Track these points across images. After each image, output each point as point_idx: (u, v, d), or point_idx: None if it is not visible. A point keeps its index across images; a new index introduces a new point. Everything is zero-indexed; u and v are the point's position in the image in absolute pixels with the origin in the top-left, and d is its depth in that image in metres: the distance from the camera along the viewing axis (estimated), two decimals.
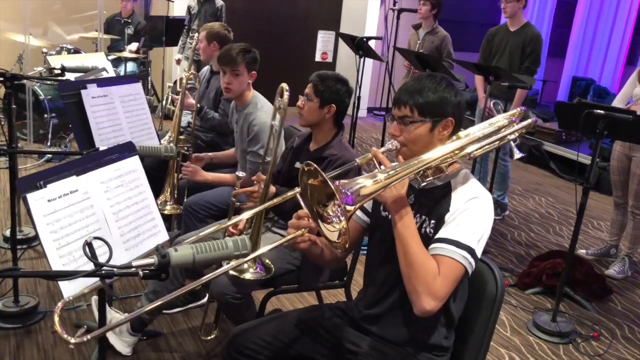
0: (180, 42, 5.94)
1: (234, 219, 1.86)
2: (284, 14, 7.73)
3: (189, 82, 3.23)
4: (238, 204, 2.33)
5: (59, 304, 1.30)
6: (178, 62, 5.83)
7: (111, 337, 2.46)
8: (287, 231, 1.62)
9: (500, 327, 3.08)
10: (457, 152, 1.59)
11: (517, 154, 3.47)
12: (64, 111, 5.07)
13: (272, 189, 2.26)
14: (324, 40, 8.11)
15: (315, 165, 1.40)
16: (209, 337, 2.64)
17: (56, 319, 1.26)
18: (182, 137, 2.91)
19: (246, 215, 1.87)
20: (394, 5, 6.70)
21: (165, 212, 2.82)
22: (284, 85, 2.17)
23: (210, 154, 3.11)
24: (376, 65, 7.82)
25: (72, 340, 1.21)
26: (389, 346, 1.68)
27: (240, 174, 2.27)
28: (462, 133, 1.67)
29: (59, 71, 2.78)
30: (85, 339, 1.24)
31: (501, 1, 4.26)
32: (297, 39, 7.91)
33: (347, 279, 2.44)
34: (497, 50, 4.33)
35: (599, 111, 2.78)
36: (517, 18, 4.30)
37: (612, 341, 3.05)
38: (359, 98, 4.62)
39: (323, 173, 1.37)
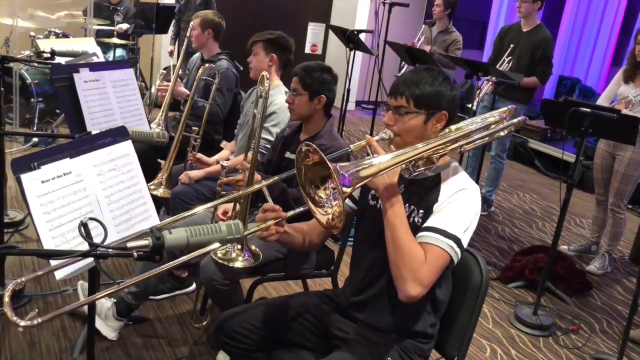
0: (171, 33, 5.91)
1: (221, 200, 1.86)
2: (274, 5, 7.71)
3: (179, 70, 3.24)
4: (224, 193, 2.34)
5: (10, 286, 1.19)
6: (171, 53, 5.79)
7: (96, 322, 2.47)
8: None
9: (483, 319, 3.13)
10: (448, 144, 1.63)
11: None
12: (51, 96, 5.05)
13: (258, 177, 2.27)
14: (314, 33, 8.10)
15: (314, 146, 1.42)
16: (201, 324, 2.66)
17: (6, 300, 1.16)
18: (195, 127, 2.93)
19: (230, 197, 1.87)
20: None
21: (158, 194, 2.82)
22: (265, 74, 2.18)
23: (214, 158, 3.08)
24: (365, 59, 7.84)
25: (22, 324, 1.13)
26: (375, 332, 1.72)
27: (225, 163, 2.28)
28: (454, 127, 1.71)
29: (49, 55, 2.76)
30: (35, 322, 1.15)
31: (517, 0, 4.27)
32: (287, 30, 7.82)
33: (334, 268, 2.47)
34: (507, 49, 4.32)
35: (584, 109, 2.83)
36: (530, 18, 4.28)
37: (590, 335, 3.12)
38: (348, 91, 4.65)
39: (322, 154, 1.39)
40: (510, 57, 4.23)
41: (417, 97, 1.61)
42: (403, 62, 4.98)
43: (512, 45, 4.25)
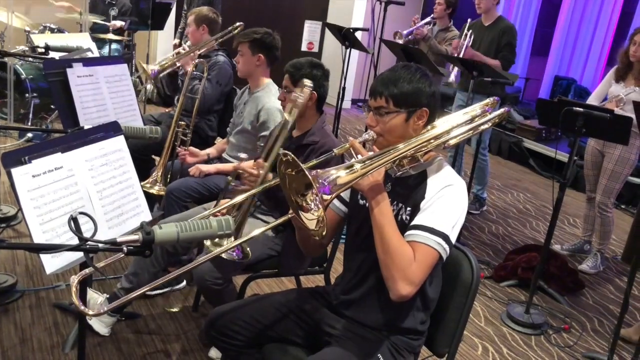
0: (179, 28, 5.90)
1: (223, 205, 1.86)
2: (272, 2, 7.71)
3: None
4: (233, 184, 2.31)
5: (75, 277, 1.26)
6: (175, 47, 5.78)
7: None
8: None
9: (475, 317, 3.14)
10: (432, 141, 1.63)
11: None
12: (46, 91, 5.03)
13: (270, 176, 2.27)
14: (310, 30, 8.10)
15: (292, 155, 1.41)
16: (174, 309, 2.67)
17: (73, 290, 1.24)
18: (182, 122, 2.94)
19: (238, 199, 1.87)
20: None
21: (153, 192, 2.82)
22: (307, 82, 2.17)
23: (207, 150, 3.10)
24: (361, 57, 7.84)
25: (90, 312, 1.29)
26: (365, 329, 1.72)
27: (244, 155, 2.28)
28: (436, 122, 1.71)
29: (43, 50, 2.76)
30: (102, 310, 1.35)
31: None
32: (283, 28, 7.83)
33: (326, 265, 2.47)
34: (472, 45, 4.35)
35: (577, 109, 2.84)
36: (490, 13, 4.37)
37: (582, 333, 3.13)
38: (343, 89, 4.65)
39: (301, 163, 1.39)
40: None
41: (396, 96, 1.61)
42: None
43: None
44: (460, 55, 4.22)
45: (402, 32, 5.00)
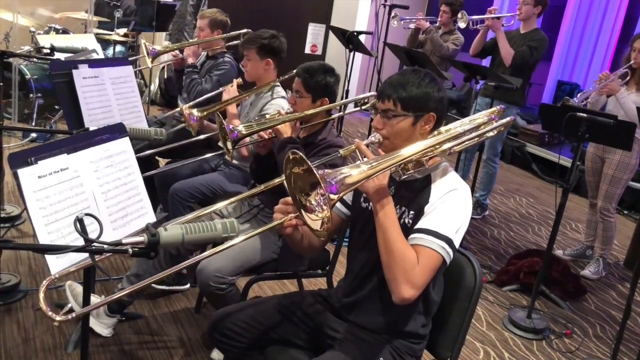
0: (168, 30, 5.93)
1: (221, 204, 1.87)
2: (275, 5, 7.72)
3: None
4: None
5: (44, 282, 1.31)
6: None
7: (90, 320, 2.46)
8: (273, 216, 1.63)
9: (477, 322, 3.14)
10: (437, 146, 1.63)
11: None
12: (50, 92, 5.05)
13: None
14: (314, 33, 8.10)
15: (301, 154, 1.41)
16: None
17: (41, 295, 1.27)
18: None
19: (233, 200, 1.88)
20: (386, 0, 6.72)
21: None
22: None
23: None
24: (365, 60, 7.86)
25: (57, 318, 1.25)
26: (366, 332, 1.72)
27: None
28: (443, 128, 1.72)
29: (49, 50, 2.77)
30: (69, 317, 1.27)
31: (518, 2, 4.26)
32: (287, 30, 7.84)
33: (329, 268, 2.48)
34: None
35: (581, 114, 2.84)
36: (529, 22, 4.28)
37: (584, 339, 3.13)
38: (347, 92, 4.65)
39: (309, 162, 1.39)
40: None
41: (404, 99, 1.61)
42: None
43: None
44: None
45: (400, 15, 5.10)
